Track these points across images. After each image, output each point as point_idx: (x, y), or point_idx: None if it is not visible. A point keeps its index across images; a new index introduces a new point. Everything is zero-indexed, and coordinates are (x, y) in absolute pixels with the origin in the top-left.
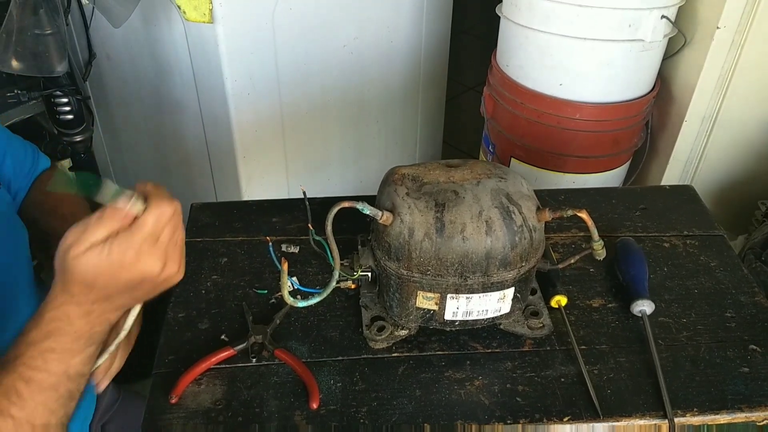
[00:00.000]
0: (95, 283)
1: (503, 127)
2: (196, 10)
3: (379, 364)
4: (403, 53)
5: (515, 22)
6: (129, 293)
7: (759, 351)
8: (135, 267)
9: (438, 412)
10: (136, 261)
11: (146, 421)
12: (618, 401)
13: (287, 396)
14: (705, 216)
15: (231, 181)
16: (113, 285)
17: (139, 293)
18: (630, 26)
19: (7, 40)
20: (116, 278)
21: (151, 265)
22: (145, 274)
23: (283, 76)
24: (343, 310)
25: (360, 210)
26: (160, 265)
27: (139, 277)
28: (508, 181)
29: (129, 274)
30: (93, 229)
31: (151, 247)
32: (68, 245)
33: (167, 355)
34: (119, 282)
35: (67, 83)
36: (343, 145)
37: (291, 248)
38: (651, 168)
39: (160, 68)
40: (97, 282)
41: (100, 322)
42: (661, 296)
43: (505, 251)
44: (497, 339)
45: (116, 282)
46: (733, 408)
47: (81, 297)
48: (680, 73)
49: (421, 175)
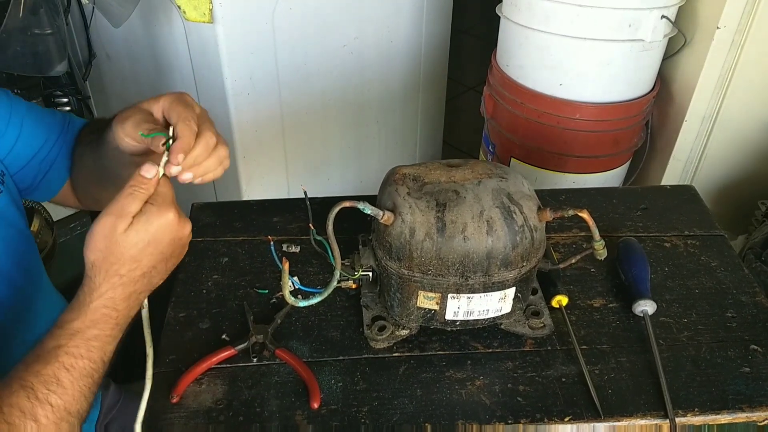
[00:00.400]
0: (143, 256)
1: (503, 127)
2: (196, 10)
3: (380, 364)
4: (403, 53)
5: (515, 22)
6: (165, 263)
7: (760, 351)
8: (173, 225)
9: (439, 411)
10: (172, 219)
11: (147, 420)
12: (619, 401)
13: (288, 396)
14: (706, 216)
15: (231, 181)
16: (158, 253)
17: (170, 263)
18: (630, 26)
19: (6, 39)
20: (159, 245)
21: (183, 224)
22: (181, 232)
23: (283, 76)
24: (344, 310)
25: (361, 210)
26: (185, 223)
27: (177, 234)
28: (509, 181)
29: (170, 233)
30: (129, 203)
31: (175, 207)
32: (112, 225)
33: (168, 354)
34: (162, 244)
35: (67, 83)
36: (343, 144)
37: (292, 248)
38: (651, 168)
39: (160, 68)
40: (145, 253)
41: (137, 303)
42: (661, 296)
43: (506, 251)
44: (498, 339)
45: (160, 249)
46: (734, 408)
47: (129, 276)
48: (680, 73)
49: (422, 175)
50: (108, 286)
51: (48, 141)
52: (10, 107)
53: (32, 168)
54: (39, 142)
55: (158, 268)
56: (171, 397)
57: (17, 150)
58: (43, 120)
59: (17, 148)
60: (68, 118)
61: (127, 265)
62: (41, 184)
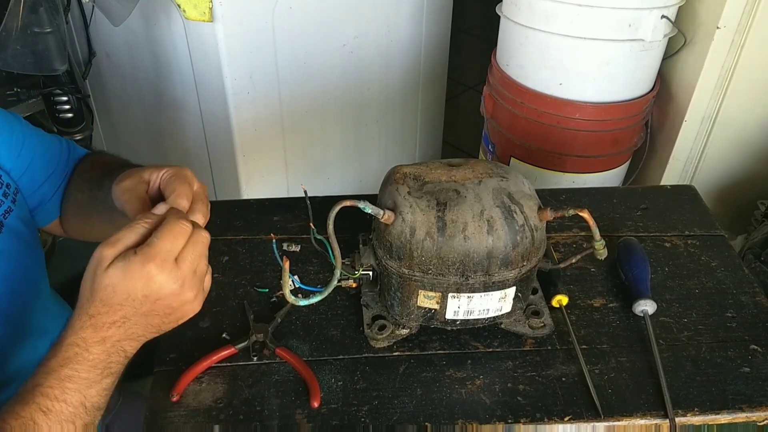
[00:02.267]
0: (113, 302)
1: (503, 126)
2: (196, 9)
3: (380, 363)
4: (403, 52)
5: (515, 22)
6: (144, 318)
7: (760, 351)
8: (151, 282)
9: (439, 411)
10: (152, 275)
11: (147, 419)
12: (619, 401)
13: (288, 394)
14: (706, 216)
15: (231, 180)
16: (129, 303)
17: (155, 320)
18: (630, 26)
19: (6, 38)
20: (132, 293)
21: (167, 282)
22: (161, 293)
23: (283, 74)
24: (344, 309)
25: (361, 209)
26: (176, 286)
27: (154, 295)
28: (510, 181)
29: (145, 289)
30: (125, 235)
31: (170, 265)
32: (98, 258)
33: (168, 353)
34: (135, 298)
35: (67, 82)
36: (343, 144)
37: (292, 247)
38: (651, 168)
39: (160, 67)
40: (114, 300)
41: (116, 351)
42: (662, 296)
43: (506, 250)
44: (498, 338)
45: (132, 299)
46: (734, 408)
47: (98, 319)
48: (680, 73)
49: (423, 175)
50: (79, 324)
51: (58, 168)
52: (22, 130)
53: (39, 194)
54: (50, 169)
55: (134, 321)
56: (171, 395)
57: (29, 174)
58: (51, 147)
59: (29, 172)
60: (70, 149)
61: (96, 307)
62: (39, 210)
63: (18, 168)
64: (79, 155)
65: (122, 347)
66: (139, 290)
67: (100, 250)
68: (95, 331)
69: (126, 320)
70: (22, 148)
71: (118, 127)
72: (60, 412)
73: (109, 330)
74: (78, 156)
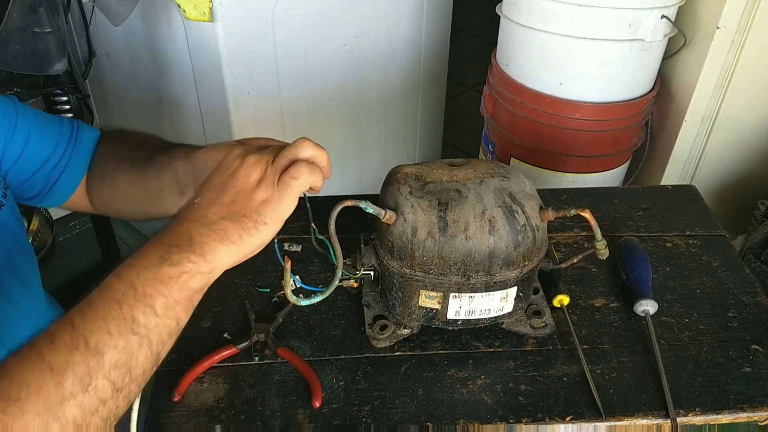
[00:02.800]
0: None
1: (503, 126)
2: (196, 9)
3: (381, 363)
4: (403, 52)
5: (515, 22)
6: (213, 194)
7: (761, 351)
8: (238, 170)
9: (440, 411)
10: (240, 165)
11: (148, 419)
12: (620, 401)
13: (290, 394)
14: (707, 216)
15: None
16: (218, 183)
17: (221, 209)
18: (630, 26)
19: (6, 38)
20: (221, 176)
21: (246, 172)
22: (239, 181)
23: (283, 74)
24: (345, 309)
25: (363, 209)
26: (254, 178)
27: (235, 181)
28: (511, 181)
29: (229, 173)
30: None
31: (256, 159)
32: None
33: (169, 353)
34: (223, 179)
35: (67, 81)
36: (343, 144)
37: (293, 247)
38: (651, 168)
39: (160, 67)
40: (210, 177)
41: (181, 233)
42: (663, 296)
43: (508, 250)
44: (499, 338)
45: (221, 180)
46: (735, 408)
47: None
48: (680, 73)
49: (424, 174)
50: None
51: (58, 148)
52: (16, 114)
53: (42, 176)
54: (48, 150)
55: (206, 198)
56: (173, 395)
57: (25, 158)
58: (51, 127)
59: (25, 156)
60: (76, 124)
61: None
62: (51, 191)
63: (11, 152)
64: (89, 131)
65: (189, 229)
66: (226, 174)
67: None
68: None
69: (199, 196)
70: (16, 127)
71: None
72: (111, 287)
73: (183, 203)
74: (91, 135)
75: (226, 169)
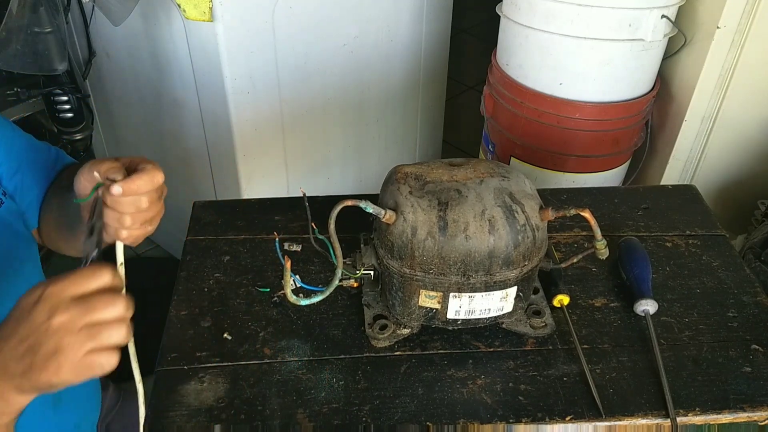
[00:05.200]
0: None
1: (503, 126)
2: (196, 9)
3: (381, 363)
4: (403, 52)
5: (515, 21)
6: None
7: (761, 351)
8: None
9: (440, 410)
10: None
11: (149, 418)
12: (620, 401)
13: (290, 394)
14: (707, 216)
15: (231, 180)
16: (16, 315)
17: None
18: (630, 26)
19: (6, 38)
20: (20, 308)
21: (40, 309)
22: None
23: (283, 74)
24: (345, 309)
25: (363, 208)
26: (44, 316)
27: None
28: (511, 180)
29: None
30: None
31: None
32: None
33: (170, 352)
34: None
35: (67, 81)
36: (343, 143)
37: (293, 246)
38: (651, 167)
39: (160, 67)
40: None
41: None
42: (663, 296)
43: (507, 250)
44: (499, 338)
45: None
46: (735, 408)
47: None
48: (680, 73)
49: (424, 174)
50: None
51: (41, 180)
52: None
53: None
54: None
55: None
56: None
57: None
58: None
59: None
60: (58, 157)
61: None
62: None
63: (8, 169)
64: (64, 164)
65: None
66: (26, 308)
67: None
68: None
69: (7, 340)
70: (11, 150)
71: (118, 127)
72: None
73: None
74: (63, 165)
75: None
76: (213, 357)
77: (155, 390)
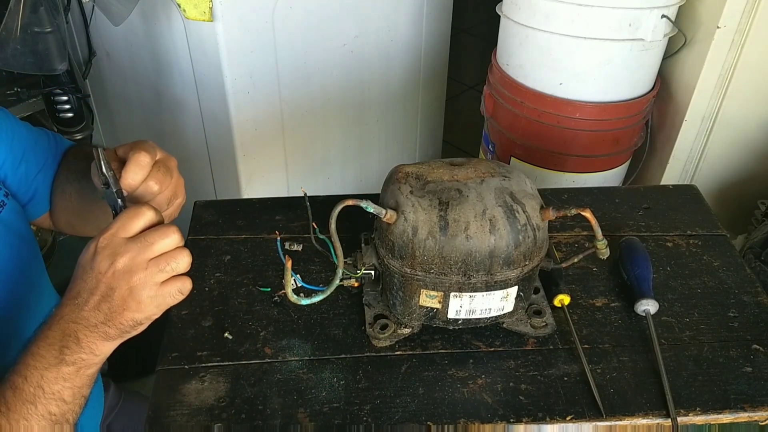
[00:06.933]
0: (74, 276)
1: (503, 126)
2: (196, 9)
3: (382, 362)
4: (404, 52)
5: (515, 21)
6: (91, 296)
7: (762, 351)
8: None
9: (441, 410)
10: (91, 247)
11: (150, 418)
12: (621, 400)
13: (290, 393)
14: (708, 216)
15: (231, 180)
16: (81, 277)
17: (103, 305)
18: (630, 25)
19: (6, 38)
20: (83, 263)
21: (101, 258)
22: (94, 264)
23: (283, 74)
24: (346, 308)
25: (364, 208)
26: (107, 263)
27: (96, 268)
28: (512, 180)
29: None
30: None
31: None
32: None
33: (171, 352)
34: (84, 271)
35: (67, 81)
36: (343, 143)
37: (294, 246)
38: (651, 167)
39: (160, 66)
40: (76, 273)
41: (70, 333)
42: (663, 296)
43: (508, 250)
44: (500, 338)
45: (83, 271)
46: (736, 407)
47: (65, 297)
48: (680, 73)
49: (425, 174)
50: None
51: (45, 165)
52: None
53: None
54: (38, 166)
55: (83, 299)
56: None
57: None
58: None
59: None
60: (57, 141)
61: (68, 288)
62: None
63: (12, 160)
64: (64, 147)
65: (75, 331)
66: (87, 263)
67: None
68: (59, 308)
69: (78, 297)
70: (13, 139)
71: (118, 127)
72: (23, 391)
73: (65, 307)
74: (64, 148)
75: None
76: (214, 356)
77: (156, 389)
